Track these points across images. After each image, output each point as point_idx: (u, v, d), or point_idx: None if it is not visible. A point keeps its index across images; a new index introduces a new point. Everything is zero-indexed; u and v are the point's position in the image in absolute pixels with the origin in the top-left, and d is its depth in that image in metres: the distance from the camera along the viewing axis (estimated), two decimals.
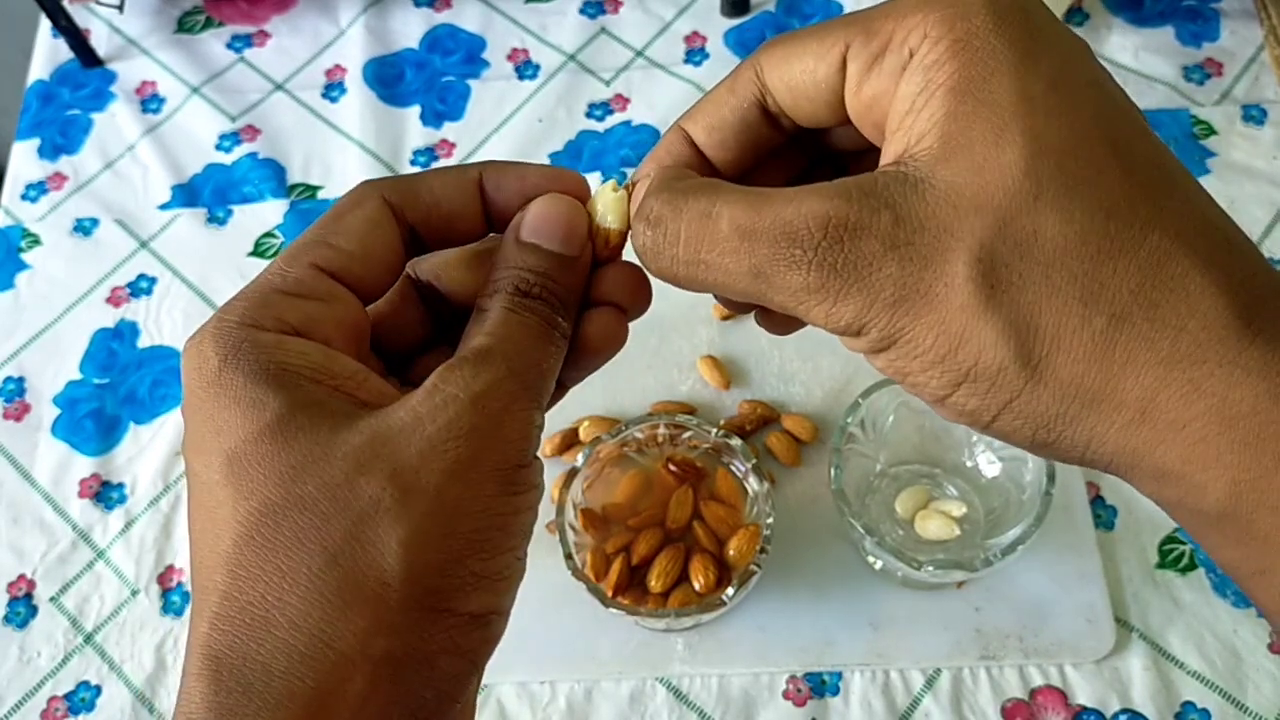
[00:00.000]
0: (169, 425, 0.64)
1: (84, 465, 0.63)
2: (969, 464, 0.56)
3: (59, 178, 0.73)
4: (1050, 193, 0.21)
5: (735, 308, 0.29)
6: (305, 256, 0.25)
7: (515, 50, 0.77)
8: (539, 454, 0.24)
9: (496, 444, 0.22)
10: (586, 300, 0.28)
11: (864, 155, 0.27)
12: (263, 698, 0.20)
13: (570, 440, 0.60)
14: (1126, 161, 0.22)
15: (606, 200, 0.27)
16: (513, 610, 0.25)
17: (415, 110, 0.75)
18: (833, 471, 0.52)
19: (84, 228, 0.71)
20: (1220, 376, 0.21)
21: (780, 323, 0.29)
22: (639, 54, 0.76)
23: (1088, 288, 0.21)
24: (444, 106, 0.75)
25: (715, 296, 0.28)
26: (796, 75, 0.25)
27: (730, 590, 0.50)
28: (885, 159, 0.24)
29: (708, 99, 0.27)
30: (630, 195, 0.27)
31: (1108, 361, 0.21)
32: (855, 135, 0.26)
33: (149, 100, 0.76)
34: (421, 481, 0.21)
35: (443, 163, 0.73)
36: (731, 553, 0.53)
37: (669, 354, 0.63)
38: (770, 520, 0.52)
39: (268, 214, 0.71)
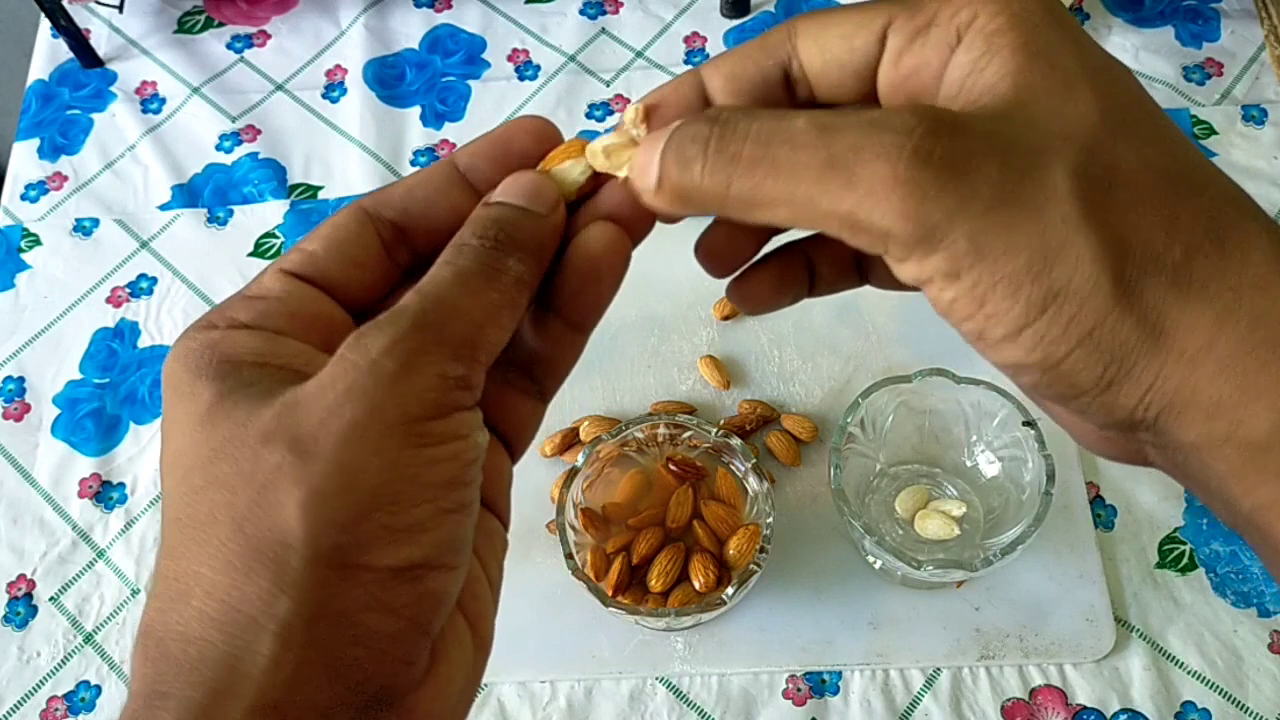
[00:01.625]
0: None
1: (84, 465, 0.63)
2: (969, 464, 0.56)
3: (59, 178, 0.73)
4: (1124, 136, 0.22)
5: (728, 256, 0.28)
6: (276, 265, 0.26)
7: (515, 51, 0.77)
8: (466, 407, 0.23)
9: (397, 400, 0.22)
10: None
11: None
12: (179, 664, 0.21)
13: (570, 440, 0.60)
14: (1174, 132, 0.23)
15: (574, 157, 0.26)
16: (514, 608, 0.25)
17: (416, 111, 0.75)
18: (832, 471, 0.52)
19: (84, 228, 0.71)
20: None
21: (760, 298, 0.29)
22: (639, 55, 0.76)
23: (1168, 219, 0.22)
24: (444, 107, 0.75)
25: (702, 257, 0.27)
26: (833, 40, 0.25)
27: (730, 590, 0.50)
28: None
29: (735, 51, 0.27)
30: (642, 119, 0.26)
31: (1185, 288, 0.22)
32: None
33: (149, 100, 0.76)
34: (318, 445, 0.21)
35: None
36: (731, 552, 0.53)
37: (669, 354, 0.63)
38: (770, 520, 0.52)
39: (268, 214, 0.71)
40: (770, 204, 0.23)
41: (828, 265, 0.29)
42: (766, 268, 0.29)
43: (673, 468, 0.55)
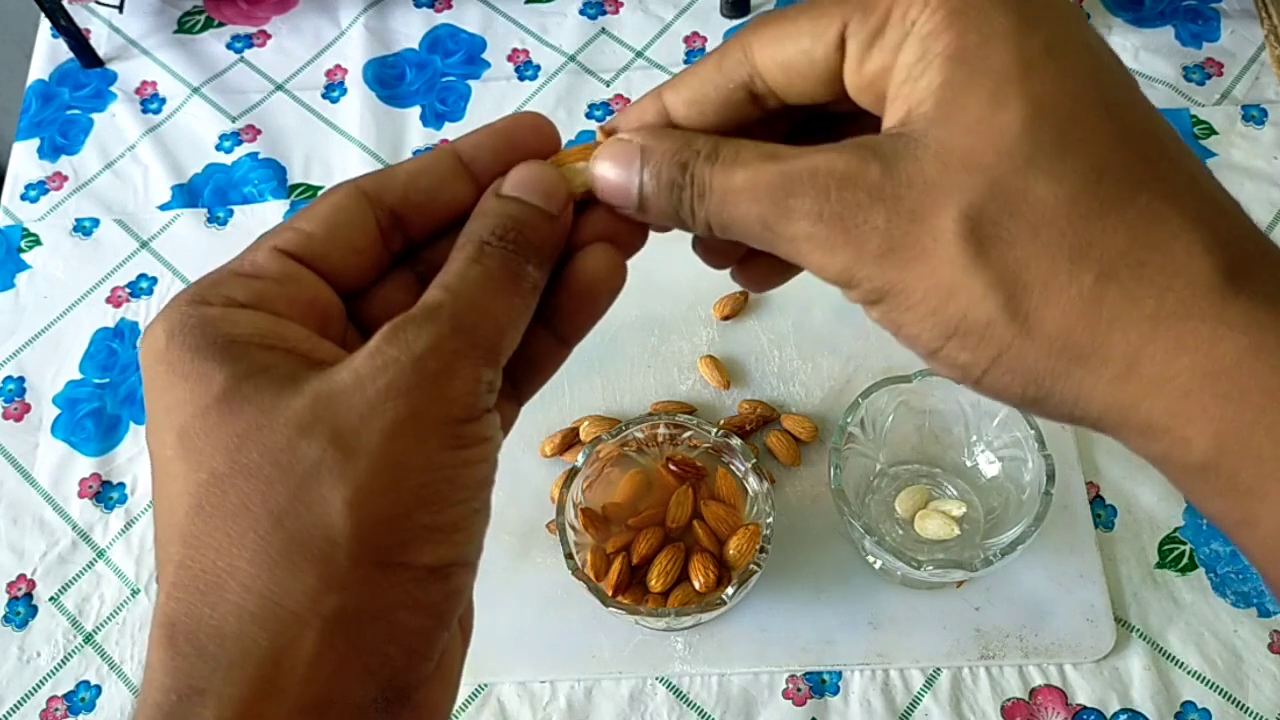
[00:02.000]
0: None
1: (84, 465, 0.63)
2: (969, 464, 0.56)
3: (59, 178, 0.73)
4: (1043, 154, 0.22)
5: (725, 255, 0.30)
6: (267, 242, 0.25)
7: (515, 51, 0.77)
8: (490, 410, 0.24)
9: (438, 401, 0.22)
10: (578, 248, 0.27)
11: (859, 117, 0.27)
12: (216, 659, 0.21)
13: (570, 440, 0.60)
14: (1120, 123, 0.22)
15: (587, 158, 0.27)
16: (514, 608, 0.25)
17: (416, 111, 0.75)
18: (832, 471, 0.52)
19: (84, 228, 0.71)
20: (1204, 332, 0.21)
21: (763, 278, 0.30)
22: (639, 55, 0.76)
23: (1076, 246, 0.22)
24: (444, 107, 0.75)
25: (701, 251, 0.29)
26: (791, 55, 0.25)
27: (730, 590, 0.50)
28: (885, 127, 0.24)
29: (692, 73, 0.27)
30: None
31: (1095, 317, 0.22)
32: (849, 105, 0.26)
33: (149, 100, 0.76)
34: (363, 441, 0.21)
35: None
36: (731, 552, 0.53)
37: (669, 354, 0.63)
38: (770, 520, 0.52)
39: (268, 214, 0.71)
40: (740, 237, 0.25)
41: None
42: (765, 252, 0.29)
43: (673, 468, 0.55)
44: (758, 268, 0.30)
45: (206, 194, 0.72)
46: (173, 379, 0.22)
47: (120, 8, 0.78)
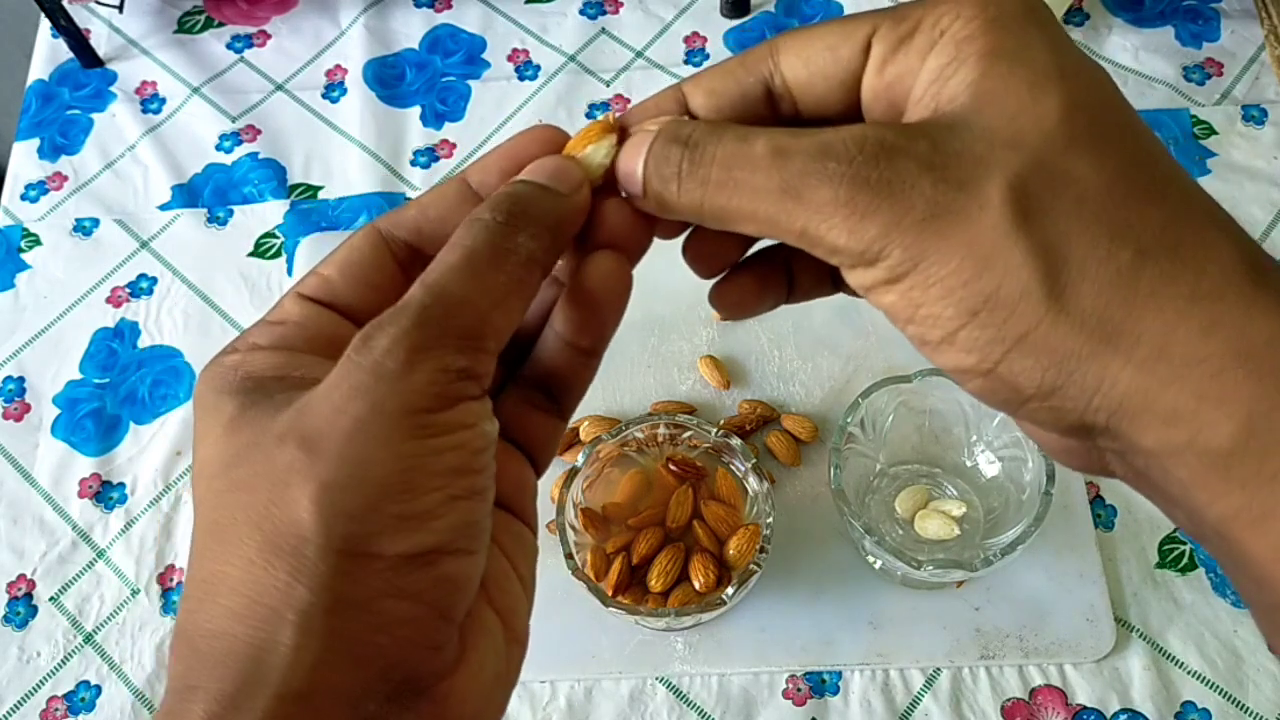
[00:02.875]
0: (169, 425, 0.64)
1: (84, 465, 0.63)
2: (969, 464, 0.56)
3: (59, 178, 0.73)
4: (1083, 141, 0.22)
5: (713, 258, 0.29)
6: (295, 290, 0.27)
7: (515, 51, 0.77)
8: (473, 397, 0.24)
9: (398, 395, 0.22)
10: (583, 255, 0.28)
11: None
12: (207, 658, 0.22)
13: (570, 440, 0.60)
14: (1145, 135, 0.24)
15: (596, 140, 0.27)
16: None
17: (416, 111, 0.75)
18: (832, 471, 0.52)
19: (84, 228, 0.71)
20: (1237, 314, 0.22)
21: (740, 304, 0.30)
22: (639, 55, 0.76)
23: (1115, 225, 0.22)
24: (444, 107, 0.75)
25: (689, 258, 0.28)
26: (817, 52, 0.26)
27: (730, 590, 0.50)
28: (909, 123, 0.24)
29: (716, 67, 0.27)
30: (617, 135, 0.27)
31: (1131, 295, 0.22)
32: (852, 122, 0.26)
33: (149, 100, 0.76)
34: (326, 442, 0.22)
35: (443, 163, 0.73)
36: (731, 552, 0.53)
37: (669, 354, 0.63)
38: (770, 520, 0.52)
39: (268, 214, 0.71)
40: (739, 219, 0.25)
41: (804, 273, 0.30)
42: (745, 275, 0.30)
43: (673, 468, 0.55)
44: (739, 288, 0.29)
45: (206, 194, 0.72)
46: (202, 418, 0.25)
47: (120, 8, 0.78)
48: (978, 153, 0.23)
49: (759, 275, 0.30)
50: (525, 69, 0.76)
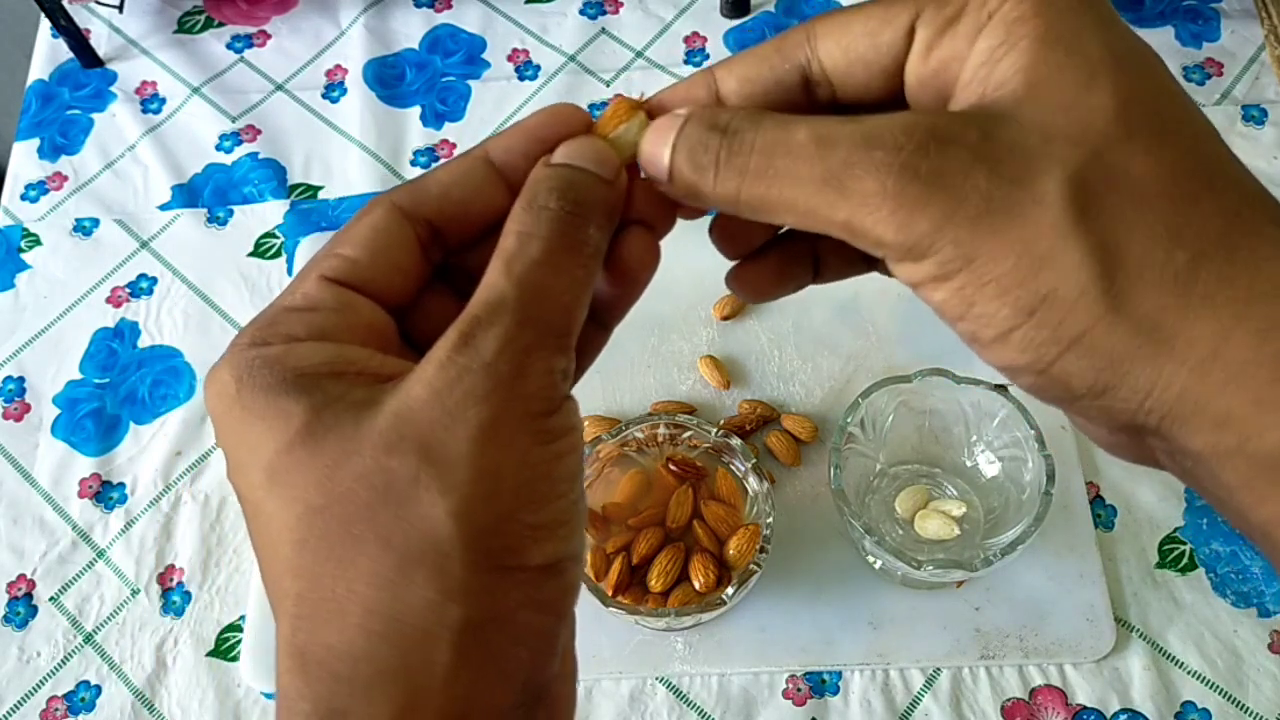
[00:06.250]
0: (169, 425, 0.64)
1: (84, 465, 0.63)
2: (969, 464, 0.56)
3: (59, 178, 0.73)
4: (1139, 136, 0.22)
5: (742, 238, 0.28)
6: (313, 271, 0.25)
7: (515, 51, 0.77)
8: (568, 397, 0.24)
9: (518, 400, 0.22)
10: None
11: None
12: (352, 683, 0.21)
13: None
14: (1199, 124, 0.23)
15: (627, 119, 0.26)
16: None
17: (416, 111, 0.75)
18: (833, 471, 0.52)
19: (84, 228, 0.71)
20: None
21: (762, 288, 0.29)
22: (639, 55, 0.76)
23: (1173, 225, 0.21)
24: (444, 107, 0.75)
25: (717, 238, 0.27)
26: (857, 37, 0.25)
27: (730, 590, 0.50)
28: (956, 109, 0.24)
29: (750, 53, 0.26)
30: (647, 117, 0.26)
31: (1187, 297, 0.21)
32: (894, 108, 0.25)
33: (149, 100, 0.76)
34: (452, 451, 0.21)
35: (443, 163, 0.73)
36: (731, 552, 0.53)
37: (669, 354, 0.63)
38: (770, 520, 0.52)
39: (268, 214, 0.71)
40: (777, 210, 0.24)
41: (833, 255, 0.29)
42: (769, 258, 0.29)
43: (673, 468, 0.55)
44: (762, 271, 0.29)
45: (206, 194, 0.72)
46: (249, 420, 0.22)
47: (120, 8, 0.78)
48: (1032, 146, 0.22)
49: (782, 258, 0.29)
50: (525, 69, 0.76)
